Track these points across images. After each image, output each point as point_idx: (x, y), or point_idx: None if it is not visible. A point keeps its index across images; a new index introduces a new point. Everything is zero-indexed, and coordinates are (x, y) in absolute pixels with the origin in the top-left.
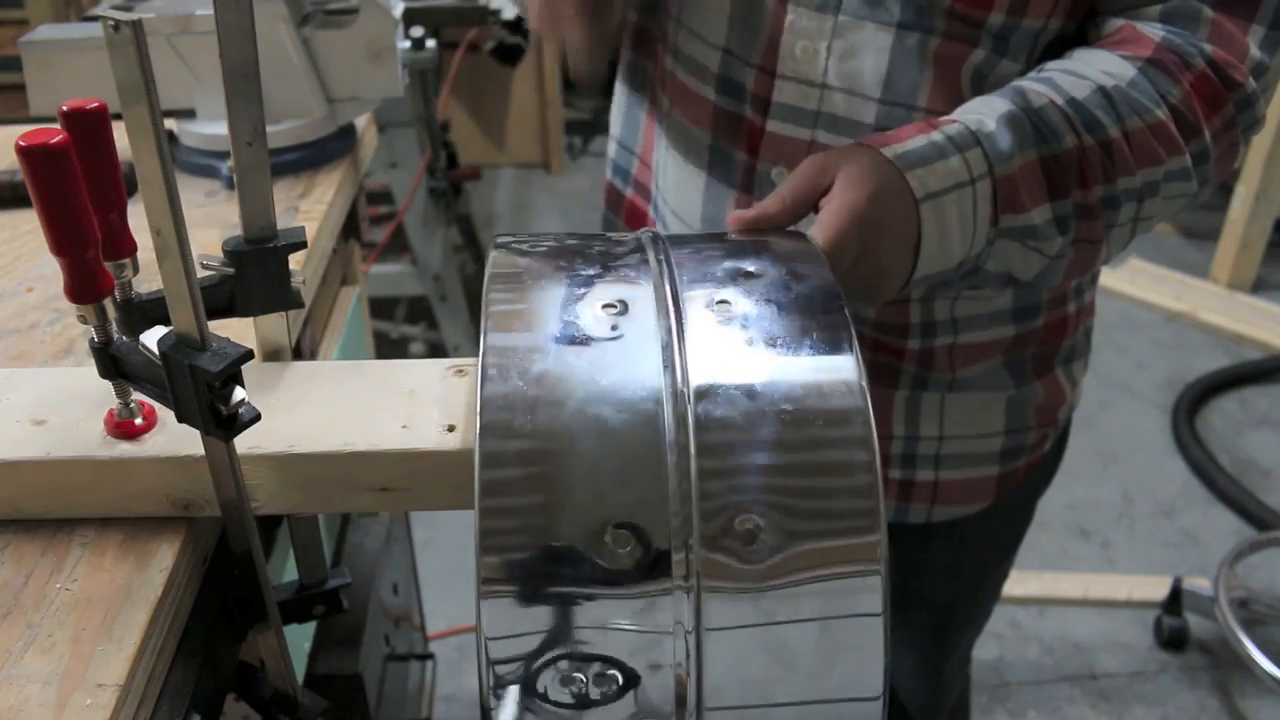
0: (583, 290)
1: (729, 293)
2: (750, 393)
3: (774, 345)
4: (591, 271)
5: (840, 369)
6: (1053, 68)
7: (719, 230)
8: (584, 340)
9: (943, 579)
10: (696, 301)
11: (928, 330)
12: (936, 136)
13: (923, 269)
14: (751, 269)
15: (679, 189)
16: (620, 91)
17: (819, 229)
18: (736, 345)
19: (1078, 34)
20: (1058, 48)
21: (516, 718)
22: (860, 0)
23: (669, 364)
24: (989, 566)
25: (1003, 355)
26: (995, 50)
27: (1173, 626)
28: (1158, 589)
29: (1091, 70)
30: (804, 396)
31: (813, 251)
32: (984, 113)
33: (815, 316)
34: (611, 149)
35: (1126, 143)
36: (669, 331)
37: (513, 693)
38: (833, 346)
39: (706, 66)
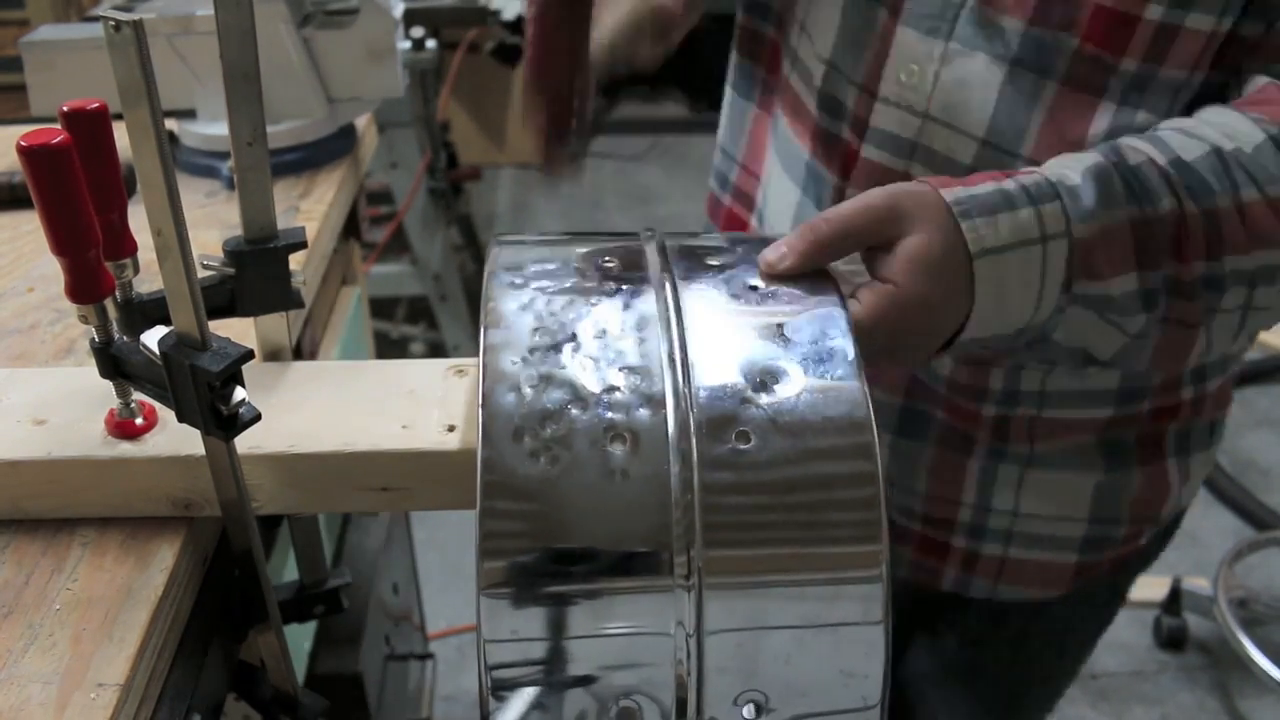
0: (584, 289)
1: (732, 294)
2: (755, 399)
3: (778, 347)
4: (592, 271)
5: (844, 378)
6: (1165, 125)
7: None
8: (584, 339)
9: (1011, 659)
10: (698, 302)
11: (1009, 398)
12: (1009, 185)
13: (971, 331)
14: (756, 278)
15: (776, 202)
16: (728, 96)
17: (863, 308)
18: (740, 350)
19: (1222, 90)
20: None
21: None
22: (976, 27)
23: (671, 367)
24: (1065, 654)
25: (1095, 435)
26: (1126, 103)
27: (1172, 626)
28: (1157, 589)
29: (1210, 130)
30: (810, 405)
31: (823, 274)
32: (1070, 165)
33: (820, 326)
34: (716, 155)
35: (1240, 216)
36: (670, 331)
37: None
38: (837, 356)
39: (813, 77)
